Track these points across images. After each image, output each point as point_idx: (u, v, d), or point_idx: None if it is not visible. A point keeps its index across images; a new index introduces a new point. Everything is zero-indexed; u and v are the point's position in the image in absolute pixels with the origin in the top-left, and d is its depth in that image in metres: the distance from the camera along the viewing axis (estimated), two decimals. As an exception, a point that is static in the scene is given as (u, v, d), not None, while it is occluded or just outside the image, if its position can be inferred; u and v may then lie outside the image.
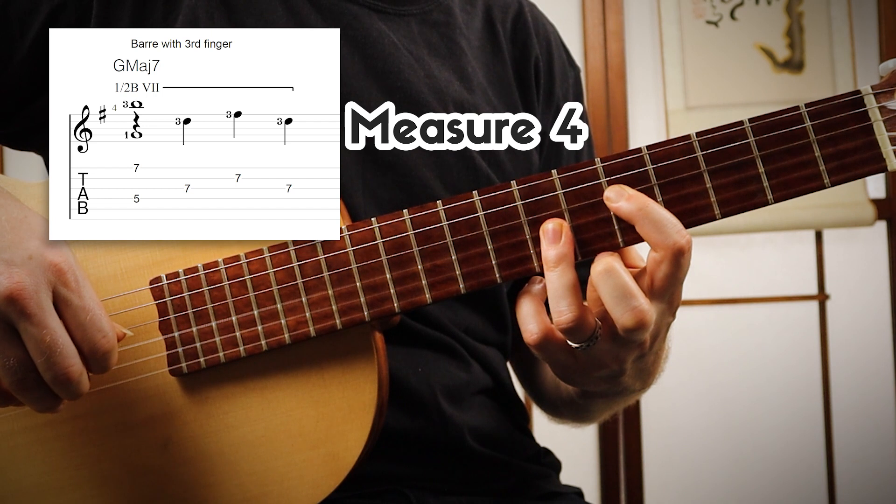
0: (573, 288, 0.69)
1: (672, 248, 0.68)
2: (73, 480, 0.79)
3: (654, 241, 0.69)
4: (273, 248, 0.75)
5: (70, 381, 0.68)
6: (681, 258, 0.68)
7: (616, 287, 0.67)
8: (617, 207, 0.70)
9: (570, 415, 1.04)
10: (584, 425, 1.08)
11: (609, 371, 0.74)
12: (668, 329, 0.76)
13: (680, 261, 0.68)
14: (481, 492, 0.94)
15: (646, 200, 0.69)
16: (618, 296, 0.67)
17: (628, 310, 0.67)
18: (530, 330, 0.71)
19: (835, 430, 2.29)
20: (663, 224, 0.68)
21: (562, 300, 0.69)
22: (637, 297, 0.67)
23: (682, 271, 0.69)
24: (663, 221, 0.68)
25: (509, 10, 1.07)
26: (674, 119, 2.22)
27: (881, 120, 0.68)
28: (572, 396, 0.93)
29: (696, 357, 2.29)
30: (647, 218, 0.68)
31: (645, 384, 0.84)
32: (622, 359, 0.73)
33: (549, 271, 0.70)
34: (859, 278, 2.33)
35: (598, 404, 0.95)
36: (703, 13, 2.25)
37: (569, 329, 0.69)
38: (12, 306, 0.66)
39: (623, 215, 0.70)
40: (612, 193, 0.70)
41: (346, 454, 0.76)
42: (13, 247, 0.68)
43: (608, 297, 0.68)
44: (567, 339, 0.70)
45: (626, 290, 0.67)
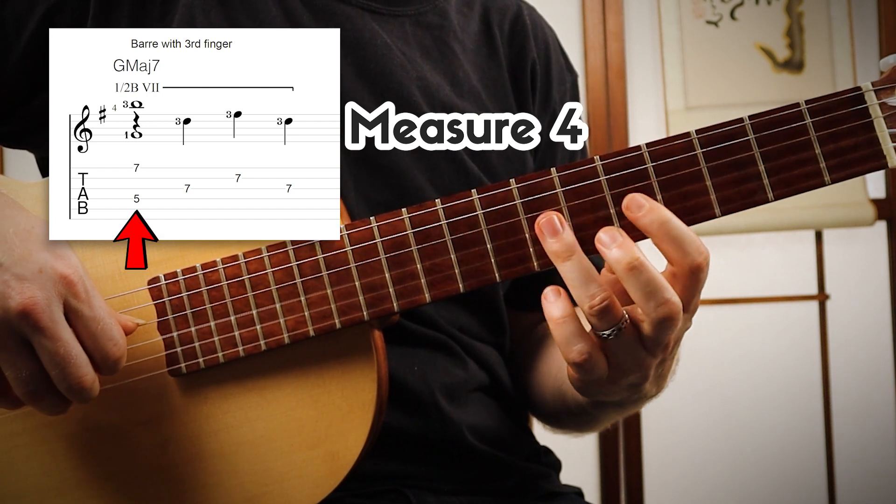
0: (593, 270, 0.68)
1: (691, 266, 0.67)
2: (73, 481, 0.79)
3: (672, 257, 0.68)
4: (271, 248, 0.75)
5: (83, 389, 0.69)
6: (699, 274, 0.68)
7: (647, 282, 0.66)
8: (635, 219, 0.69)
9: (573, 424, 1.03)
10: (585, 434, 1.06)
11: (634, 378, 0.74)
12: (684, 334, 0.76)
13: (699, 276, 0.68)
14: (481, 491, 0.94)
15: (666, 215, 0.68)
16: (649, 290, 0.66)
17: (662, 303, 0.67)
18: (579, 350, 0.69)
19: (835, 430, 2.28)
20: (682, 241, 0.67)
21: (590, 285, 0.67)
22: (667, 289, 0.67)
23: (701, 283, 0.69)
24: (682, 238, 0.67)
25: (507, 13, 1.07)
26: (674, 119, 2.22)
27: (882, 116, 0.68)
28: (582, 406, 0.90)
29: (696, 357, 2.29)
30: (667, 234, 0.68)
31: (659, 389, 0.83)
32: (647, 364, 0.72)
33: (563, 263, 0.68)
34: (859, 278, 2.33)
35: (609, 412, 0.93)
36: (703, 13, 2.25)
37: (602, 310, 0.67)
38: (25, 321, 0.67)
39: (640, 228, 0.69)
40: (631, 204, 0.69)
41: (345, 453, 0.76)
42: (23, 261, 0.68)
43: (639, 292, 0.67)
44: (597, 325, 0.69)
45: (656, 283, 0.66)
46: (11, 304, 0.66)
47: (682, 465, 2.32)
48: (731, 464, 2.31)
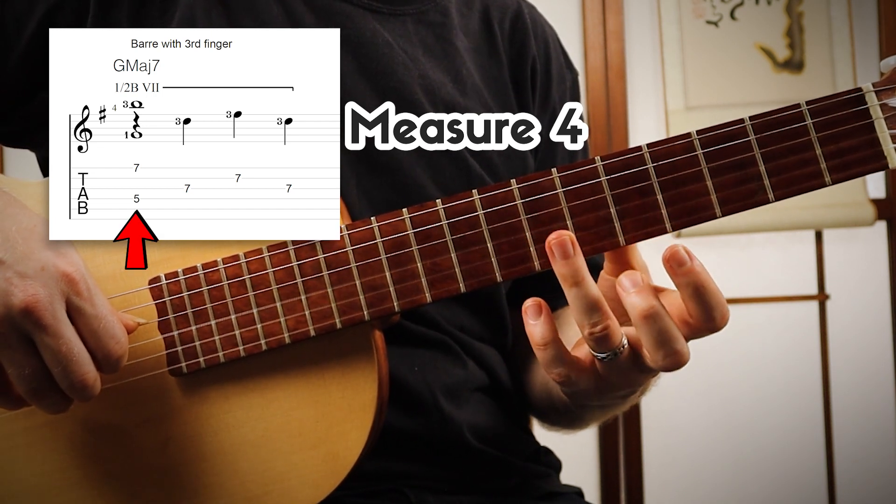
0: (600, 298, 0.67)
1: (709, 327, 0.67)
2: (73, 481, 0.79)
3: (694, 315, 0.67)
4: (272, 248, 0.75)
5: (86, 387, 0.69)
6: (714, 332, 0.67)
7: (661, 332, 0.66)
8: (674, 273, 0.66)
9: (562, 423, 1.03)
10: (575, 432, 1.07)
11: (624, 392, 0.74)
12: None
13: (712, 332, 0.68)
14: (481, 491, 0.94)
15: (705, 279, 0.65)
16: (662, 341, 0.66)
17: (670, 354, 0.66)
18: (559, 373, 0.70)
19: (835, 430, 2.28)
20: (712, 308, 0.66)
21: (594, 313, 0.67)
22: (678, 339, 0.66)
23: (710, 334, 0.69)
24: (713, 305, 0.66)
25: (507, 11, 1.07)
26: (674, 119, 2.22)
27: (882, 117, 0.68)
28: (567, 406, 0.91)
29: (696, 357, 2.26)
30: (700, 298, 0.66)
31: (643, 392, 0.84)
32: (640, 382, 0.73)
33: (571, 288, 0.67)
34: (859, 278, 2.33)
35: (595, 414, 0.94)
36: (703, 13, 2.25)
37: (601, 338, 0.67)
38: (28, 318, 0.67)
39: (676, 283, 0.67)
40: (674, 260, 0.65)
41: (346, 453, 0.76)
42: (25, 258, 0.68)
43: (651, 340, 0.66)
44: (595, 349, 0.69)
45: (670, 334, 0.66)
46: (14, 302, 0.67)
47: (682, 465, 2.31)
48: (731, 464, 2.31)
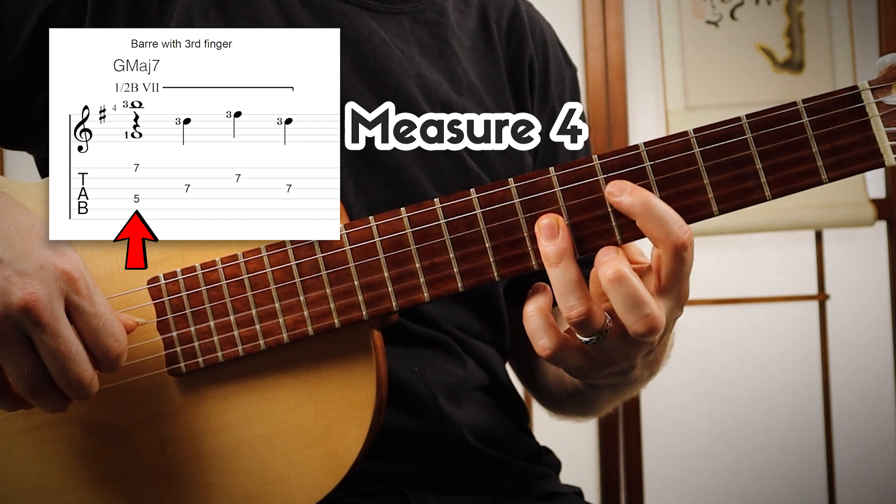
0: (579, 281, 0.69)
1: (675, 244, 0.68)
2: (73, 480, 0.79)
3: (656, 236, 0.69)
4: (270, 248, 0.75)
5: (83, 385, 0.70)
6: (683, 253, 0.68)
7: (628, 296, 0.67)
8: (618, 202, 0.69)
9: (574, 408, 1.04)
10: (588, 418, 1.08)
11: (620, 368, 0.75)
12: (675, 321, 0.77)
13: (683, 255, 0.68)
14: (481, 491, 0.94)
15: (648, 195, 0.69)
16: (630, 304, 0.67)
17: (640, 318, 0.67)
18: (542, 345, 0.71)
19: (835, 430, 2.28)
20: (665, 219, 0.68)
21: (570, 295, 0.69)
22: (649, 304, 0.67)
23: (687, 266, 0.69)
24: (665, 217, 0.68)
25: (505, 10, 1.07)
26: (674, 119, 2.22)
27: (879, 115, 0.69)
28: (579, 388, 0.93)
29: (696, 357, 2.29)
30: (650, 213, 0.68)
31: (652, 373, 0.85)
32: (632, 356, 0.74)
33: (551, 268, 0.69)
34: (859, 278, 2.33)
35: (605, 395, 0.95)
36: (703, 13, 2.25)
37: (580, 322, 0.69)
38: (27, 317, 0.67)
39: (624, 210, 0.69)
40: (614, 188, 0.70)
41: (344, 453, 0.76)
42: (24, 257, 0.68)
43: (620, 305, 0.68)
44: (578, 332, 0.70)
45: (637, 298, 0.67)
46: (13, 300, 0.67)
47: (682, 465, 2.31)
48: (731, 464, 2.31)
